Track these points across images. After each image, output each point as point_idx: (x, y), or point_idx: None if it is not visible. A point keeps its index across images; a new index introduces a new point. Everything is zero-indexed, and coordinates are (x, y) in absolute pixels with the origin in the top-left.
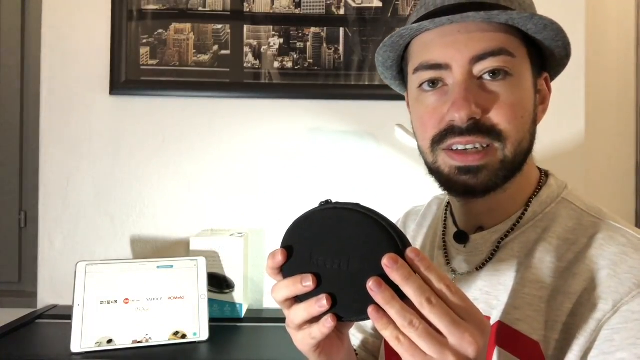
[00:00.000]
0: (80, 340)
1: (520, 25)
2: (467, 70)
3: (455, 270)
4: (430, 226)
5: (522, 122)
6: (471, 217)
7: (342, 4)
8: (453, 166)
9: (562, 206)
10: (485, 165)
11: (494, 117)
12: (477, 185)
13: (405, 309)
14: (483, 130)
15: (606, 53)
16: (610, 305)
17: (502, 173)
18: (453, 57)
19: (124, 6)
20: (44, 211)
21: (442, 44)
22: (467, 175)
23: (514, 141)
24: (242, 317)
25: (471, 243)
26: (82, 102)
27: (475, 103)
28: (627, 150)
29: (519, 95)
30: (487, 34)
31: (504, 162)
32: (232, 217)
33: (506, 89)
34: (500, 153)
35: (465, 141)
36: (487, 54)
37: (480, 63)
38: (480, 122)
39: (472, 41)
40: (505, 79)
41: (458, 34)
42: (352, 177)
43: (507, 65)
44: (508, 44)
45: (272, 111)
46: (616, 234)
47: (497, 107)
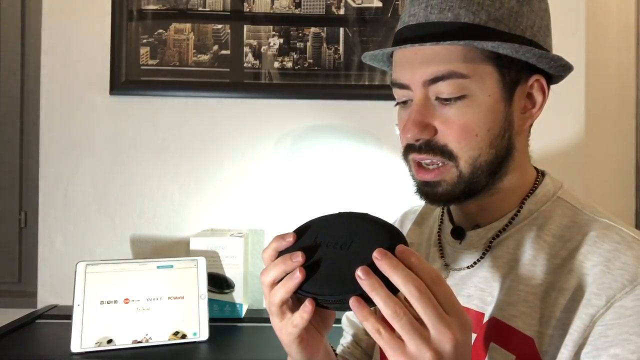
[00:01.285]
0: (80, 340)
1: (478, 45)
2: (422, 93)
3: (450, 267)
4: (427, 224)
5: (476, 140)
6: (466, 215)
7: (342, 4)
8: (417, 179)
9: (558, 204)
10: (442, 181)
11: (443, 138)
12: (437, 198)
13: (391, 297)
14: (435, 150)
15: (606, 53)
16: (603, 301)
17: (461, 187)
18: (409, 79)
19: (124, 6)
20: (44, 211)
21: (402, 65)
22: (427, 188)
23: (468, 158)
24: (242, 317)
25: (466, 240)
26: (82, 102)
27: (425, 125)
28: (627, 150)
29: (472, 115)
30: (440, 55)
31: (461, 177)
32: (232, 217)
33: (457, 111)
34: (455, 170)
35: (420, 158)
36: (437, 78)
37: (433, 87)
38: (432, 142)
39: (424, 65)
40: (457, 102)
41: (414, 56)
42: (352, 177)
43: (457, 88)
44: (460, 64)
45: (272, 111)
46: (610, 231)
47: (447, 129)
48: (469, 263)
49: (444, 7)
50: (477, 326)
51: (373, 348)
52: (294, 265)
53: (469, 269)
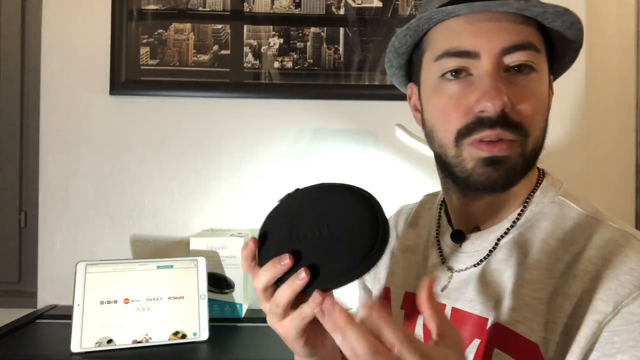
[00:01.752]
0: (80, 340)
1: (548, 22)
2: (496, 60)
3: (451, 270)
4: (423, 225)
5: (542, 119)
6: (469, 216)
7: (342, 4)
8: (479, 158)
9: (559, 206)
10: (510, 157)
11: (521, 111)
12: (498, 179)
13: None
14: (511, 124)
15: (606, 53)
16: (610, 307)
17: (521, 168)
18: (483, 46)
19: (124, 6)
20: (44, 211)
21: (471, 31)
22: (491, 167)
23: (535, 137)
24: (242, 317)
25: (467, 242)
26: (82, 102)
27: (506, 94)
28: (627, 150)
29: (542, 91)
30: (516, 25)
31: (523, 157)
32: (232, 217)
33: (532, 84)
34: (522, 148)
35: (495, 134)
36: (517, 46)
37: (509, 55)
38: (509, 115)
39: (502, 32)
40: (531, 74)
41: (488, 22)
42: (352, 177)
43: (534, 60)
44: (535, 39)
45: (272, 111)
46: (615, 235)
47: (525, 102)
48: (469, 266)
49: None
50: (480, 331)
51: None
52: (284, 269)
53: (470, 272)
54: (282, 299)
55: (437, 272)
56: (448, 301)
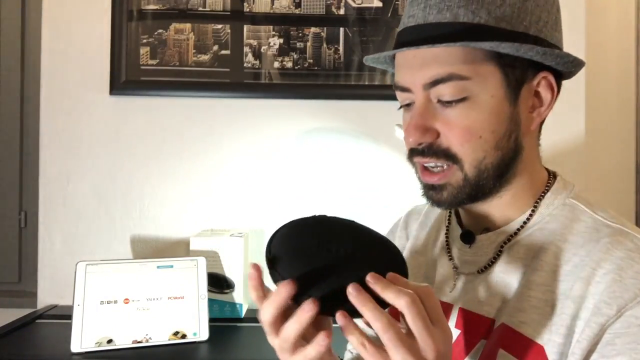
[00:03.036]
0: (80, 340)
1: (475, 46)
2: (423, 96)
3: (459, 270)
4: (433, 225)
5: (480, 142)
6: (478, 217)
7: (342, 4)
8: (422, 182)
9: (569, 208)
10: (446, 184)
11: (445, 141)
12: (442, 201)
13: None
14: (438, 153)
15: (606, 53)
16: (614, 311)
17: (467, 190)
18: (410, 83)
19: (124, 6)
20: (44, 211)
21: (402, 67)
22: (432, 192)
23: (472, 161)
24: (242, 317)
25: (476, 243)
26: (82, 102)
27: (426, 129)
28: (627, 150)
29: (475, 117)
30: (439, 57)
31: (466, 180)
32: (232, 217)
33: (459, 113)
34: (460, 173)
35: (424, 161)
36: (437, 81)
37: (433, 89)
38: (434, 145)
39: (423, 67)
40: (459, 104)
41: (413, 59)
42: (352, 177)
43: (458, 90)
44: (461, 66)
45: (272, 111)
46: (624, 238)
47: (449, 132)
48: (478, 267)
49: (442, 7)
50: (486, 332)
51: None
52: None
53: (479, 273)
54: (291, 333)
55: (445, 272)
56: (456, 301)
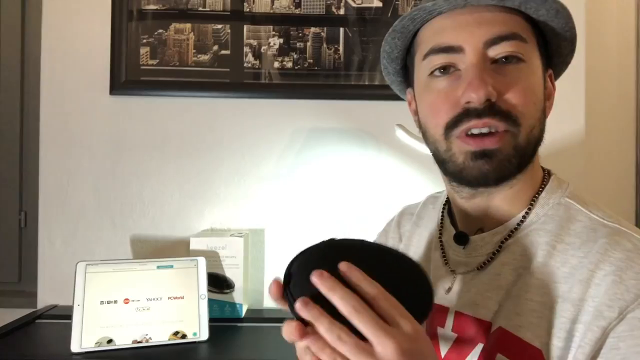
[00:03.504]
0: (80, 340)
1: (531, 12)
2: (481, 53)
3: (455, 272)
4: (426, 226)
5: (534, 109)
6: (473, 217)
7: (342, 4)
8: (468, 152)
9: (565, 208)
10: (500, 149)
11: (509, 100)
12: (491, 172)
13: (334, 323)
14: (499, 113)
15: (606, 53)
16: (616, 313)
17: (516, 160)
18: (466, 40)
19: (124, 6)
20: (44, 211)
21: (454, 27)
22: (482, 160)
23: (527, 127)
24: (242, 317)
25: (471, 244)
26: (82, 102)
27: (491, 84)
28: (627, 150)
29: (532, 81)
30: (499, 16)
31: (516, 149)
32: (232, 217)
33: (520, 74)
34: (514, 139)
35: (482, 123)
36: (501, 37)
37: (494, 47)
38: (496, 104)
39: (485, 24)
40: (519, 64)
41: (470, 15)
42: (352, 177)
43: (520, 50)
44: (520, 29)
45: (272, 111)
46: (622, 238)
47: (512, 91)
48: (473, 269)
49: None
50: (483, 336)
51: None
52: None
53: (474, 275)
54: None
55: (440, 274)
56: (451, 304)
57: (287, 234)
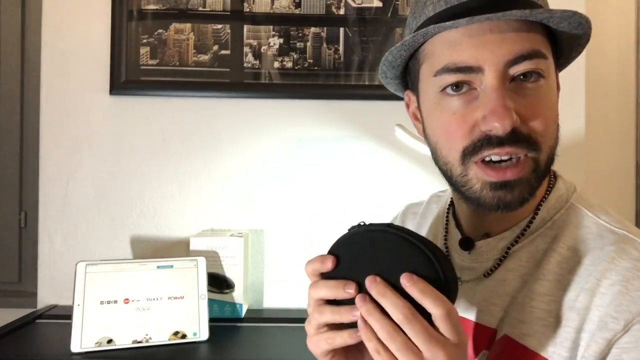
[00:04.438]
0: (80, 340)
1: (554, 24)
2: (502, 74)
3: (459, 278)
4: (430, 227)
5: (554, 127)
6: (479, 222)
7: (342, 4)
8: (487, 182)
9: (572, 212)
10: (521, 178)
11: (532, 125)
12: (513, 201)
13: (385, 320)
14: (521, 139)
15: (606, 53)
16: (621, 326)
17: (536, 183)
18: (487, 60)
19: (124, 6)
20: (44, 211)
21: (472, 45)
22: (502, 191)
23: (548, 148)
24: (242, 317)
25: (476, 250)
26: (82, 102)
27: (514, 109)
28: (627, 150)
29: (552, 99)
30: (521, 34)
31: (536, 172)
32: (232, 217)
33: (540, 92)
34: (534, 163)
35: (505, 152)
36: (523, 57)
37: (515, 66)
38: (518, 130)
39: (506, 42)
40: (538, 81)
41: (490, 33)
42: (352, 177)
43: (541, 67)
44: (541, 45)
45: (272, 111)
46: (629, 246)
47: (535, 114)
48: (478, 274)
49: None
50: (488, 343)
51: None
52: (345, 296)
53: (479, 281)
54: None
55: None
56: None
57: (287, 234)
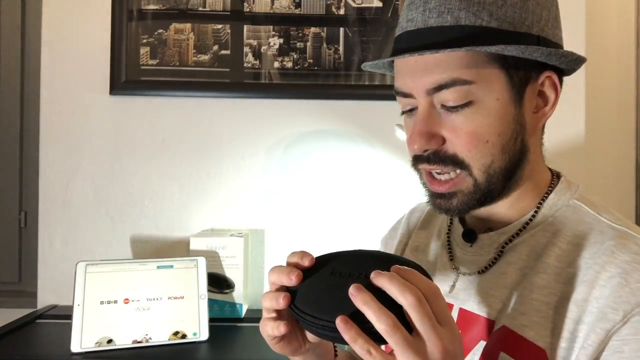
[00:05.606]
0: (80, 340)
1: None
2: (426, 101)
3: (460, 270)
4: (434, 224)
5: (487, 146)
6: (481, 217)
7: (342, 4)
8: (429, 191)
9: (573, 210)
10: (457, 191)
11: (452, 147)
12: (451, 209)
13: (384, 310)
14: (445, 159)
15: (606, 53)
16: (620, 316)
17: (477, 196)
18: (413, 88)
19: (124, 6)
20: (44, 211)
21: (404, 74)
22: (441, 200)
23: (480, 166)
24: (242, 317)
25: (478, 243)
26: (82, 102)
27: (431, 135)
28: (627, 150)
29: (480, 122)
30: (442, 62)
31: (476, 186)
32: (232, 217)
33: (464, 118)
34: (470, 179)
35: (430, 168)
36: (440, 86)
37: (437, 95)
38: (441, 152)
39: (426, 73)
40: (464, 109)
41: (415, 64)
42: (352, 177)
43: (462, 95)
44: (464, 70)
45: (272, 111)
46: (629, 241)
47: (455, 137)
48: (479, 267)
49: (442, 11)
50: (486, 334)
51: None
52: (288, 281)
53: (479, 273)
54: (265, 303)
55: (445, 272)
56: (455, 301)
57: (287, 234)
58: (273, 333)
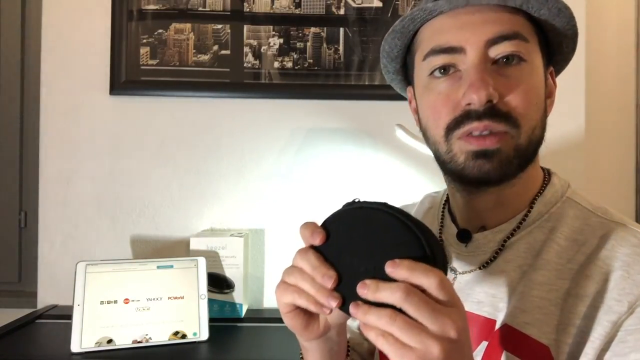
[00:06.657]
0: (80, 340)
1: (533, 11)
2: (482, 53)
3: (456, 271)
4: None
5: (535, 109)
6: (474, 215)
7: (342, 4)
8: (469, 151)
9: (568, 206)
10: (500, 149)
11: (510, 102)
12: (492, 171)
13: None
14: (500, 115)
15: (606, 53)
16: (625, 307)
17: (516, 160)
18: (468, 40)
19: (124, 6)
20: (44, 211)
21: (455, 27)
22: (482, 160)
23: (528, 128)
24: (242, 317)
25: (473, 242)
26: (82, 102)
27: (492, 86)
28: (627, 150)
29: (533, 82)
30: (501, 16)
31: (517, 150)
32: (232, 217)
33: (521, 74)
34: (515, 140)
35: (483, 126)
36: (502, 37)
37: (495, 47)
38: (497, 106)
39: (486, 24)
40: (520, 64)
41: (472, 15)
42: (352, 177)
43: (522, 50)
44: (522, 28)
45: (272, 111)
46: (627, 234)
47: (514, 92)
48: (475, 267)
49: None
50: (488, 334)
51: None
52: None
53: (476, 273)
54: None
55: None
56: None
57: (287, 234)
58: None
